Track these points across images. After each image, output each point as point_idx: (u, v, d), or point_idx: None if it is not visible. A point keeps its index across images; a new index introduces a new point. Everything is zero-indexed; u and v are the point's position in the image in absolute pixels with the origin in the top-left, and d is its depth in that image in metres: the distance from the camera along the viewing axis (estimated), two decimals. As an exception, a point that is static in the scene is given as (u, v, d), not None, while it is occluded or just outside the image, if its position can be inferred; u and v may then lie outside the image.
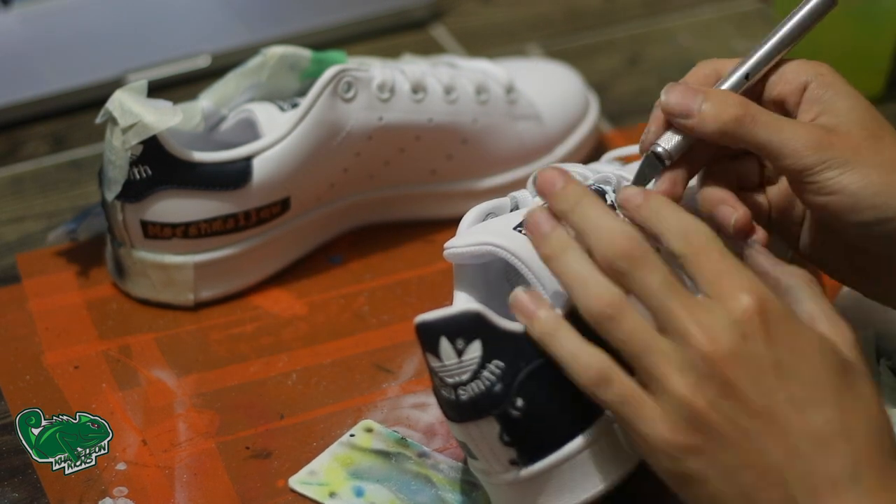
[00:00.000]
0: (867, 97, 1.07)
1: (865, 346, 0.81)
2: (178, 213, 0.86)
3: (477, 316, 0.67)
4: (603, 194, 0.74)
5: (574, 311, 0.66)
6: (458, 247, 0.72)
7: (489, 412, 0.68)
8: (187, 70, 1.09)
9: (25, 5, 1.14)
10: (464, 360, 0.67)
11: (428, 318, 0.68)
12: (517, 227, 0.72)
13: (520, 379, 0.67)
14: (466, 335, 0.67)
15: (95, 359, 0.85)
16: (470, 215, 0.75)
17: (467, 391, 0.68)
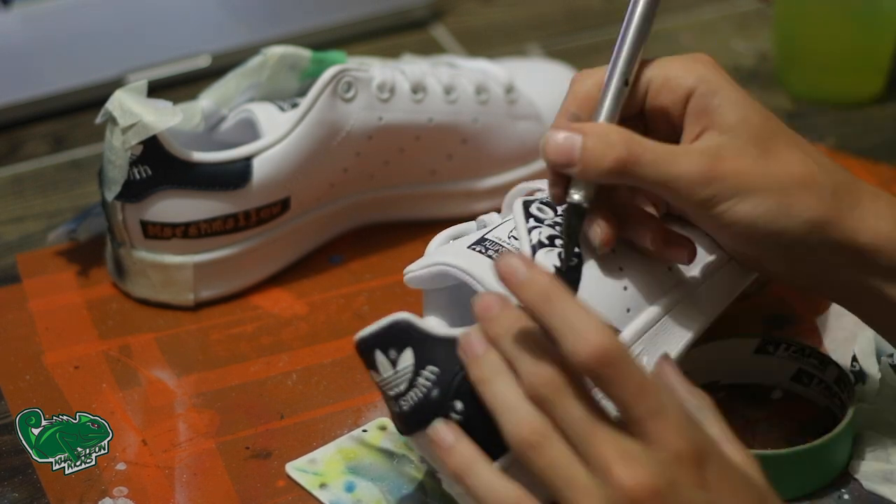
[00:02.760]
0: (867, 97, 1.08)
1: (866, 345, 0.81)
2: (178, 213, 0.86)
3: (404, 324, 0.67)
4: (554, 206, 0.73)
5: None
6: (414, 270, 0.73)
7: (431, 419, 0.67)
8: (187, 70, 1.09)
9: (25, 5, 1.14)
10: (398, 369, 0.68)
11: (363, 335, 0.68)
12: (472, 245, 0.72)
13: (456, 382, 0.67)
14: (397, 345, 0.67)
15: (95, 359, 0.85)
16: (435, 240, 0.75)
17: (407, 401, 0.68)
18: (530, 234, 0.72)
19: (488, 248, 0.72)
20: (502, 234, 0.73)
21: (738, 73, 1.10)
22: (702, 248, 0.75)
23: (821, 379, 0.78)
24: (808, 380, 0.79)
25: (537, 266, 0.62)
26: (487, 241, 0.73)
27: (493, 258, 0.71)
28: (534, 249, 0.71)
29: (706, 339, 0.78)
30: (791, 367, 0.79)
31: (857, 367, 0.80)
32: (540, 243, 0.71)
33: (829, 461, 0.74)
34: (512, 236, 0.73)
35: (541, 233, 0.72)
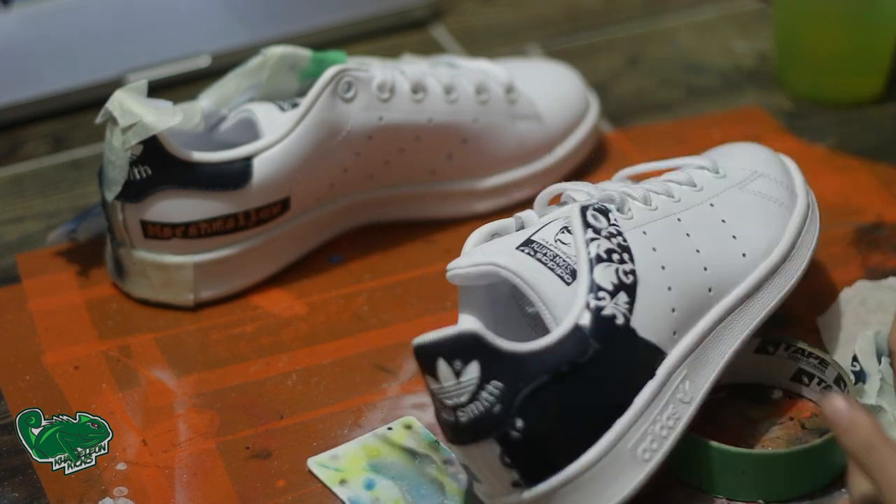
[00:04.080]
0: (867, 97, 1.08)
1: (866, 345, 0.81)
2: (178, 213, 0.86)
3: (474, 336, 0.67)
4: (606, 213, 0.73)
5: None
6: (462, 267, 0.71)
7: (489, 434, 0.67)
8: (187, 70, 1.09)
9: (25, 5, 1.14)
10: (462, 381, 0.67)
11: (425, 340, 0.67)
12: (520, 246, 0.71)
13: (519, 399, 0.67)
14: (464, 356, 0.67)
15: (95, 359, 0.85)
16: (475, 235, 0.74)
17: (466, 413, 0.67)
18: (588, 245, 0.71)
19: (537, 251, 0.71)
20: (548, 236, 0.72)
21: (738, 73, 1.10)
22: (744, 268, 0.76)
23: (821, 379, 0.78)
24: (808, 380, 0.79)
25: (860, 410, 0.62)
26: (535, 243, 0.72)
27: (543, 261, 0.71)
28: (591, 263, 0.70)
29: None
30: (791, 366, 0.79)
31: (857, 367, 0.80)
32: (598, 257, 0.70)
33: (829, 461, 0.74)
34: (559, 240, 0.72)
35: (599, 245, 0.71)
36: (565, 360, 0.67)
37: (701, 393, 0.72)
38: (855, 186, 0.97)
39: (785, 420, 0.78)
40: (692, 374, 0.72)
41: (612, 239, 0.72)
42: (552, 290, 0.70)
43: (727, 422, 0.78)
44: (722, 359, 0.74)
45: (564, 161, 0.97)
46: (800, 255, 0.80)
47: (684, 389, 0.71)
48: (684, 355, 0.72)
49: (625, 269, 0.71)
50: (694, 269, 0.74)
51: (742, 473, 0.73)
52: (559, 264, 0.71)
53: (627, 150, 1.02)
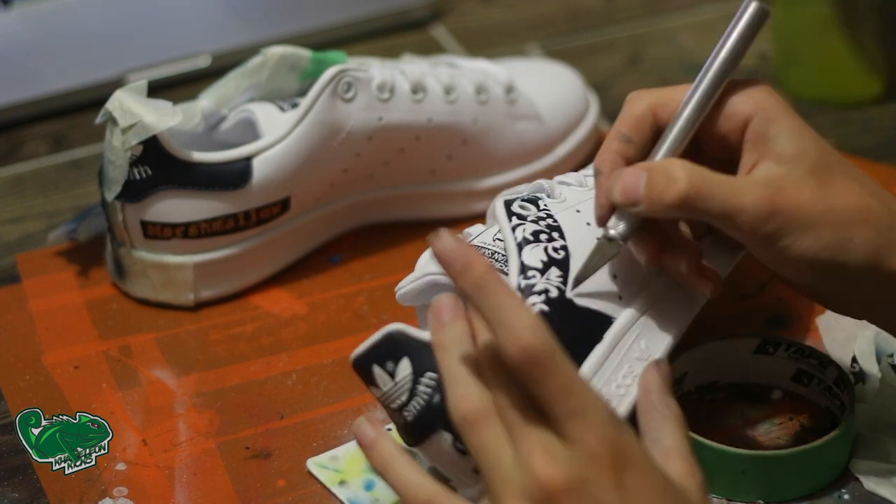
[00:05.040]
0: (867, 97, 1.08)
1: (866, 346, 0.81)
2: (178, 213, 0.86)
3: (398, 334, 0.67)
4: (535, 201, 0.74)
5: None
6: (404, 286, 0.74)
7: (436, 425, 0.67)
8: (187, 70, 1.09)
9: (25, 5, 1.14)
10: (397, 381, 0.68)
11: (357, 353, 0.68)
12: None
13: None
14: (393, 356, 0.67)
15: (95, 359, 0.85)
16: (424, 256, 0.75)
17: (410, 411, 0.68)
18: (514, 231, 0.72)
19: None
20: (487, 238, 0.74)
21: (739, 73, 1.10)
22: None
23: (820, 379, 0.78)
24: (807, 380, 0.79)
25: (474, 251, 0.62)
26: (472, 245, 0.73)
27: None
28: (519, 247, 0.71)
29: (706, 339, 0.78)
30: (791, 367, 0.79)
31: (857, 367, 0.80)
32: (525, 240, 0.72)
33: (829, 461, 0.74)
34: (497, 238, 0.73)
35: (524, 229, 0.72)
36: None
37: (661, 349, 0.72)
38: (855, 186, 0.97)
39: (785, 420, 0.78)
40: (647, 332, 0.72)
41: (541, 222, 0.73)
42: None
43: (727, 422, 0.78)
44: (678, 316, 0.74)
45: (564, 161, 0.97)
46: None
47: (640, 348, 0.71)
48: (634, 317, 0.72)
49: (554, 245, 0.72)
50: None
51: (742, 474, 0.73)
52: (497, 260, 0.73)
53: (627, 150, 1.01)
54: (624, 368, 0.71)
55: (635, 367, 0.71)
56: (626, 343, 0.71)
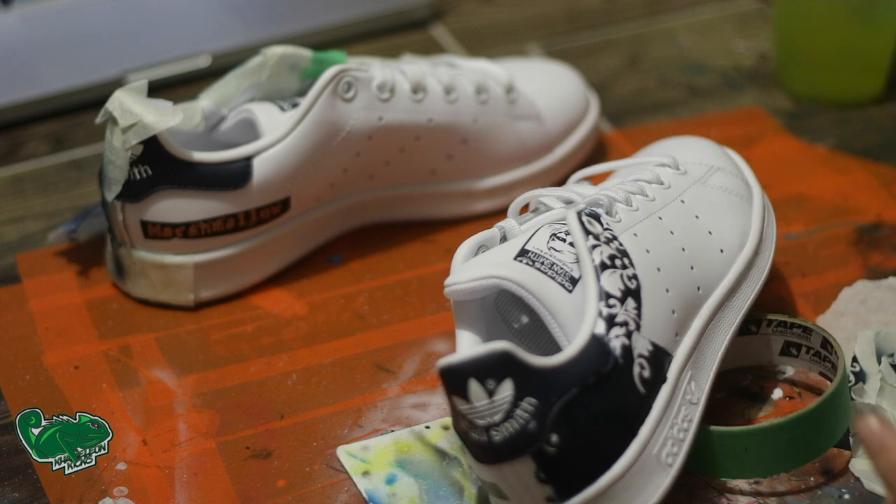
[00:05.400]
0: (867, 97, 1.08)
1: (866, 346, 0.81)
2: (178, 213, 0.86)
3: (506, 355, 0.66)
4: (597, 217, 0.73)
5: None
6: (461, 282, 0.71)
7: (524, 451, 0.66)
8: (187, 70, 1.09)
9: (25, 5, 1.14)
10: (495, 400, 0.66)
11: (453, 362, 0.66)
12: (517, 256, 0.71)
13: (553, 414, 0.66)
14: (497, 375, 0.66)
15: (95, 359, 0.85)
16: (462, 250, 0.73)
17: (500, 431, 0.66)
18: (591, 253, 0.70)
19: (535, 261, 0.71)
20: (541, 244, 0.72)
21: (739, 73, 1.10)
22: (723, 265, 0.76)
23: (808, 347, 0.79)
24: (796, 350, 0.79)
25: (892, 429, 0.62)
26: (530, 252, 0.71)
27: (542, 271, 0.70)
28: (597, 271, 0.70)
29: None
30: (777, 341, 0.79)
31: (856, 367, 0.80)
32: (603, 265, 0.70)
33: (826, 426, 0.74)
34: (552, 248, 0.72)
35: (601, 252, 0.71)
36: (591, 371, 0.67)
37: (705, 392, 0.73)
38: (855, 186, 0.97)
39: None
40: (696, 374, 0.72)
41: (611, 244, 0.71)
42: (557, 299, 0.70)
43: (727, 422, 0.78)
44: (716, 357, 0.75)
45: (564, 161, 0.97)
46: (766, 247, 0.81)
47: (691, 390, 0.71)
48: (687, 356, 0.72)
49: (628, 273, 0.71)
50: (683, 268, 0.74)
51: (745, 451, 0.73)
52: (557, 272, 0.71)
53: (627, 150, 1.01)
54: (682, 412, 0.71)
55: (690, 411, 0.71)
56: (682, 384, 0.71)
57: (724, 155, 0.85)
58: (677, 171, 0.80)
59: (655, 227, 0.75)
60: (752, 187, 0.83)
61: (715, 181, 0.81)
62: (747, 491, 0.75)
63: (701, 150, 0.85)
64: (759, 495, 0.75)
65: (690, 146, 0.85)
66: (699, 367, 0.73)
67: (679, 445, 0.70)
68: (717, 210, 0.79)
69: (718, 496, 0.74)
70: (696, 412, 0.71)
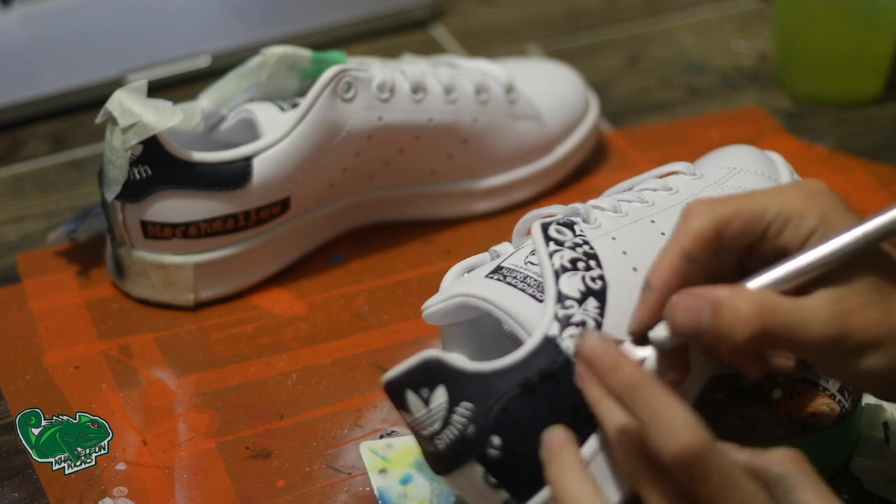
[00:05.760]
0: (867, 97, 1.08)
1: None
2: (178, 213, 0.86)
3: (435, 361, 0.66)
4: (571, 225, 0.72)
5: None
6: (434, 304, 0.72)
7: (468, 456, 0.66)
8: (187, 70, 1.09)
9: (25, 5, 1.14)
10: (431, 408, 0.66)
11: (391, 376, 0.67)
12: (490, 274, 0.71)
13: (492, 416, 0.66)
14: (429, 383, 0.66)
15: (95, 359, 0.85)
16: (450, 273, 0.74)
17: (443, 440, 0.66)
18: (552, 258, 0.70)
19: (506, 276, 0.71)
20: (518, 260, 0.72)
21: (739, 73, 1.10)
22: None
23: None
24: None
25: (621, 353, 0.62)
26: (504, 268, 0.71)
27: (513, 284, 0.70)
28: (556, 274, 0.69)
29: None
30: None
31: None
32: (563, 267, 0.70)
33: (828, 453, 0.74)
34: (529, 262, 0.72)
35: (562, 256, 0.70)
36: (535, 372, 0.66)
37: (695, 388, 0.71)
38: (855, 186, 0.97)
39: (785, 420, 0.78)
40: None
41: (577, 248, 0.71)
42: (524, 309, 0.69)
43: (727, 422, 0.78)
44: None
45: (564, 161, 0.97)
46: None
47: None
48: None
49: (591, 275, 0.70)
50: None
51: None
52: (530, 284, 0.70)
53: (627, 150, 1.02)
54: None
55: None
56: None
57: (761, 158, 0.83)
58: (693, 176, 0.80)
59: (642, 230, 0.74)
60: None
61: (734, 183, 0.79)
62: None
63: (733, 155, 0.83)
64: (759, 495, 0.75)
65: (726, 152, 0.84)
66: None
67: None
68: None
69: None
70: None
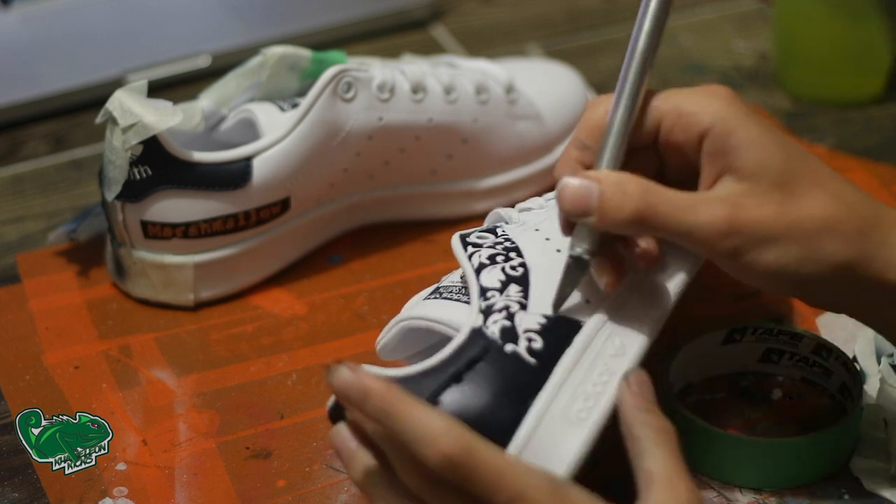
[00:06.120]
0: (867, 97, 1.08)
1: (866, 346, 0.81)
2: (178, 213, 0.86)
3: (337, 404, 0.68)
4: (493, 230, 0.74)
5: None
6: (381, 340, 0.74)
7: None
8: (187, 70, 1.09)
9: (25, 5, 1.14)
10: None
11: (329, 406, 0.69)
12: (428, 296, 0.73)
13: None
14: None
15: (95, 359, 0.85)
16: (403, 310, 0.75)
17: None
18: (471, 259, 0.72)
19: (442, 293, 0.73)
20: (455, 277, 0.75)
21: (739, 73, 1.10)
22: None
23: (792, 353, 0.79)
24: (777, 357, 0.79)
25: (367, 374, 0.63)
26: (441, 287, 0.74)
27: (448, 297, 0.72)
28: (477, 272, 0.71)
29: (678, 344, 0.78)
30: (758, 349, 0.79)
31: (857, 367, 0.80)
32: (481, 265, 0.72)
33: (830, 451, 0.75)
34: (463, 278, 0.74)
35: (480, 255, 0.72)
36: (463, 362, 0.68)
37: (637, 344, 0.71)
38: (855, 186, 0.97)
39: (784, 420, 0.78)
40: (620, 330, 0.71)
41: (497, 246, 0.73)
42: (458, 315, 0.71)
43: (727, 422, 0.78)
44: (653, 312, 0.72)
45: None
46: None
47: (614, 345, 0.70)
48: (604, 319, 0.71)
49: (512, 264, 0.72)
50: None
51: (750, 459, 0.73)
52: (465, 294, 0.72)
53: (627, 150, 1.01)
54: (598, 367, 0.70)
55: (611, 364, 0.70)
56: (597, 343, 0.70)
57: None
58: None
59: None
60: None
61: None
62: (747, 491, 0.75)
63: None
64: (759, 494, 0.74)
65: None
66: (626, 324, 0.71)
67: (595, 399, 0.69)
68: None
69: (718, 496, 0.74)
70: (620, 364, 0.70)
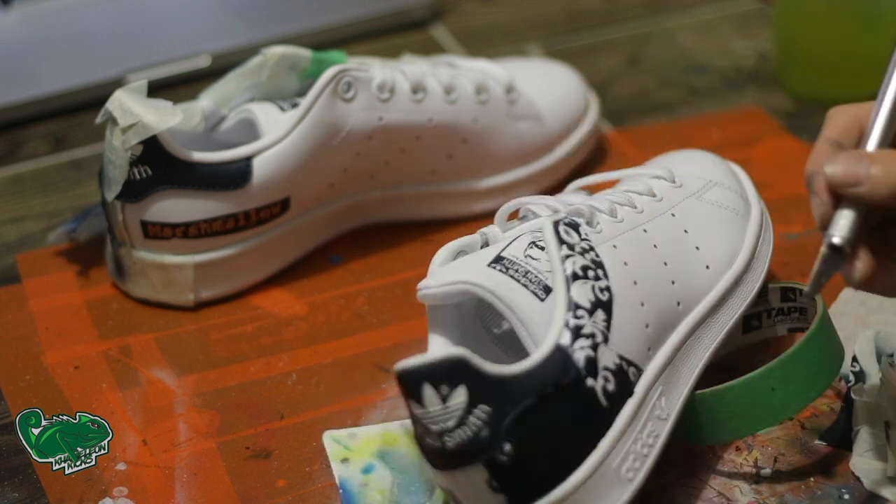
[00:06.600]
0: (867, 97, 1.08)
1: (866, 345, 0.81)
2: (178, 213, 0.86)
3: (461, 361, 0.65)
4: (576, 227, 0.73)
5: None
6: (433, 287, 0.71)
7: (476, 459, 0.66)
8: (187, 70, 1.09)
9: (25, 5, 1.14)
10: (449, 406, 0.66)
11: (409, 365, 0.66)
12: (492, 263, 0.71)
13: (507, 423, 0.66)
14: (450, 381, 0.65)
15: (95, 359, 0.85)
16: (440, 254, 0.73)
17: (453, 438, 0.66)
18: (563, 263, 0.70)
19: (509, 268, 0.70)
20: (518, 251, 0.72)
21: (738, 73, 1.10)
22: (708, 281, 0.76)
23: (768, 311, 0.79)
24: (757, 322, 0.79)
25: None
26: (505, 259, 0.71)
27: (515, 278, 0.70)
28: (567, 282, 0.70)
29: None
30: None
31: (856, 367, 0.80)
32: (574, 275, 0.70)
33: (824, 353, 0.74)
34: (528, 255, 0.71)
35: (574, 262, 0.70)
36: (549, 382, 0.67)
37: (676, 409, 0.72)
38: (855, 186, 0.97)
39: (784, 420, 0.78)
40: (667, 390, 0.72)
41: (586, 255, 0.71)
42: (527, 307, 0.69)
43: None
44: (692, 373, 0.74)
45: (564, 161, 0.98)
46: (758, 265, 0.80)
47: (661, 406, 0.71)
48: (659, 371, 0.71)
49: (600, 285, 0.70)
50: (663, 283, 0.74)
51: (771, 390, 0.73)
52: (532, 280, 0.70)
53: (627, 150, 1.02)
54: (648, 427, 0.70)
55: (657, 427, 0.70)
56: (651, 399, 0.71)
57: (727, 170, 0.84)
58: (672, 183, 0.80)
59: (638, 240, 0.74)
60: (751, 204, 0.82)
61: (711, 196, 0.80)
62: (747, 491, 0.75)
63: (703, 163, 0.84)
64: (759, 494, 0.75)
65: (693, 159, 0.85)
66: (672, 383, 0.72)
67: (642, 461, 0.69)
68: (709, 225, 0.79)
69: (718, 496, 0.74)
70: (663, 428, 0.71)
